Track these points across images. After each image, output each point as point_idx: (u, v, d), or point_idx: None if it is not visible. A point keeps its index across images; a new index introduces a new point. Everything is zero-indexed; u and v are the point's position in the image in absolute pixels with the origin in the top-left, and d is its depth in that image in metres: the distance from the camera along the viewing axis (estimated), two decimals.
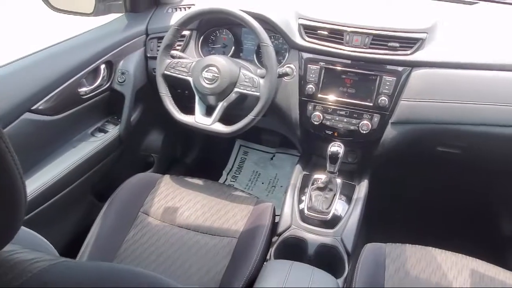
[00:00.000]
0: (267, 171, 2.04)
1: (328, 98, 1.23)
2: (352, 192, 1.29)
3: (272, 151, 2.08)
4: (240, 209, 1.23)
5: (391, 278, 1.00)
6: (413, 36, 1.14)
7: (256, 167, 2.06)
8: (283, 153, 2.06)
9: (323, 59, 1.22)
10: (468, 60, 1.13)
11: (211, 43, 1.43)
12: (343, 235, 1.16)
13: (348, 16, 1.22)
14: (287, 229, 1.19)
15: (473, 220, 1.71)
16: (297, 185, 1.31)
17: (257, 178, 2.02)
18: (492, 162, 1.37)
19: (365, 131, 1.21)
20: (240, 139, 2.13)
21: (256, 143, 2.11)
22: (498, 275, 1.00)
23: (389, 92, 1.17)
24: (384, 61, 1.16)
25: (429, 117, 1.16)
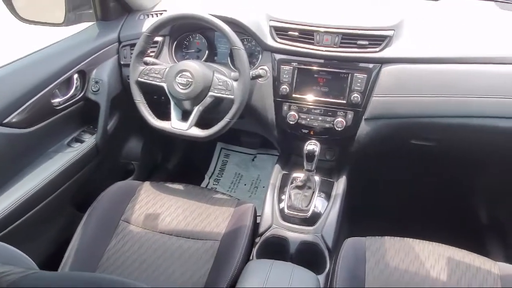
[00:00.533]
0: (249, 172, 2.05)
1: (302, 97, 1.26)
2: (330, 189, 1.31)
3: (253, 152, 2.10)
4: (221, 211, 1.24)
5: (372, 270, 1.02)
6: (381, 34, 1.17)
7: (238, 169, 2.07)
8: (264, 153, 2.08)
9: (295, 59, 1.24)
10: (434, 55, 1.16)
11: (185, 48, 1.44)
12: (323, 231, 1.18)
13: (318, 16, 1.24)
14: (268, 228, 1.20)
15: (451, 210, 1.76)
16: (277, 184, 1.32)
17: (240, 180, 2.03)
18: (465, 153, 1.42)
19: (340, 128, 1.23)
20: (221, 142, 2.14)
21: (236, 145, 2.12)
22: (473, 261, 1.03)
23: (361, 89, 1.20)
24: (354, 59, 1.19)
25: (401, 112, 1.20)
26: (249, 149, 2.11)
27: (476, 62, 1.14)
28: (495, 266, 1.02)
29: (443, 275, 1.00)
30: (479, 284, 0.97)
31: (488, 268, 1.01)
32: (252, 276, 0.90)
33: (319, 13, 1.27)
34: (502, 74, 1.13)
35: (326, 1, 1.37)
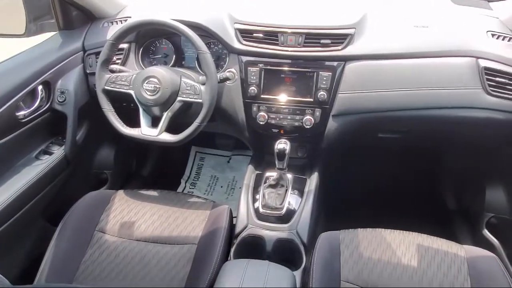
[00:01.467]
0: (225, 174, 2.06)
1: (271, 97, 1.28)
2: (303, 185, 1.34)
3: (228, 154, 2.11)
4: (197, 215, 1.24)
5: (346, 262, 1.05)
6: (343, 32, 1.21)
7: (214, 171, 2.08)
8: (239, 154, 2.09)
9: (261, 60, 1.26)
10: (392, 50, 1.21)
11: (152, 54, 1.44)
12: (298, 228, 1.20)
13: (282, 17, 1.27)
14: (244, 229, 1.22)
15: (420, 198, 1.82)
16: (251, 184, 1.34)
17: (216, 182, 2.04)
18: (429, 143, 1.48)
19: (309, 125, 1.26)
20: (195, 145, 2.14)
21: (211, 148, 2.13)
22: (441, 246, 1.08)
23: (327, 86, 1.23)
24: (318, 57, 1.22)
25: (366, 107, 1.24)
26: (224, 151, 2.12)
27: (431, 55, 1.19)
28: (461, 249, 1.06)
29: (414, 261, 1.04)
30: (447, 267, 1.02)
31: (455, 252, 1.05)
32: (228, 276, 0.91)
33: (282, 14, 1.29)
34: (457, 66, 1.19)
35: (289, 2, 1.40)
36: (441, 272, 1.01)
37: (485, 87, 1.17)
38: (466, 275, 1.00)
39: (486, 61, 1.17)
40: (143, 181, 1.91)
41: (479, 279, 0.98)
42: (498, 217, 1.39)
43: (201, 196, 1.36)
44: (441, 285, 0.98)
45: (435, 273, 1.01)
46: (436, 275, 1.00)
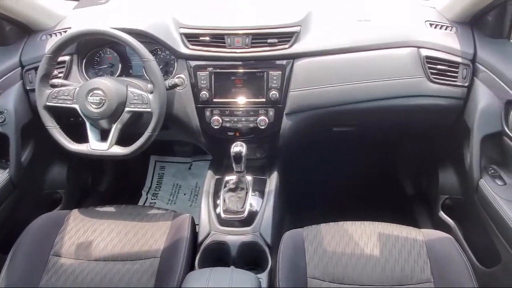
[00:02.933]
0: (187, 181, 2.02)
1: (223, 101, 1.26)
2: (264, 186, 1.33)
3: (188, 160, 2.07)
4: (158, 227, 1.21)
5: (312, 259, 1.06)
6: (288, 31, 1.21)
7: (176, 179, 2.03)
8: (199, 160, 2.06)
9: (210, 64, 1.24)
10: (340, 45, 1.23)
11: (97, 65, 1.38)
12: (261, 229, 1.19)
13: (228, 19, 1.26)
14: (207, 236, 1.19)
15: (379, 187, 1.87)
16: (211, 190, 1.32)
17: (178, 190, 1.99)
18: (381, 133, 1.51)
19: (264, 126, 1.26)
20: (154, 155, 2.09)
21: (170, 155, 2.08)
22: (401, 233, 1.10)
23: (278, 85, 1.23)
24: (266, 57, 1.22)
25: (317, 103, 1.25)
26: (184, 157, 2.08)
27: (375, 48, 1.23)
28: (419, 233, 1.10)
29: (376, 251, 1.06)
30: (408, 252, 1.05)
31: (414, 237, 1.08)
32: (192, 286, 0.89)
33: (228, 16, 1.28)
34: (400, 56, 1.23)
35: (235, 3, 1.39)
36: (402, 258, 1.04)
37: (428, 75, 1.21)
38: (425, 258, 1.03)
39: (427, 50, 1.22)
40: (101, 197, 1.84)
41: (437, 261, 1.02)
42: (452, 198, 1.45)
43: (162, 208, 1.32)
44: (403, 271, 1.01)
45: (397, 260, 1.03)
46: (398, 261, 1.03)
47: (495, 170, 1.16)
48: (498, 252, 1.08)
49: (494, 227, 1.08)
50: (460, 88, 1.22)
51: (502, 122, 1.12)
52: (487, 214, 1.12)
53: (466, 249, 1.28)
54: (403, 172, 1.85)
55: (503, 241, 1.04)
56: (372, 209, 1.44)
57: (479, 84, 1.19)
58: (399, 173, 1.87)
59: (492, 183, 1.12)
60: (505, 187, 1.11)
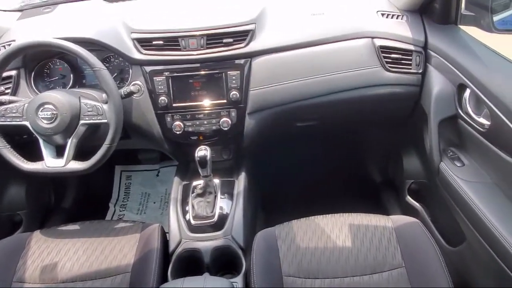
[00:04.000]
0: (156, 189, 1.98)
1: (183, 105, 1.23)
2: (232, 188, 1.31)
3: (155, 167, 2.03)
4: (126, 240, 1.17)
5: (286, 257, 1.05)
6: (243, 29, 1.20)
7: (144, 188, 1.98)
8: (167, 166, 2.02)
9: (166, 68, 1.21)
10: (296, 41, 1.23)
11: (47, 77, 1.31)
12: (232, 232, 1.18)
13: (181, 21, 1.23)
14: (178, 245, 1.17)
15: (349, 178, 1.90)
16: (178, 197, 1.29)
17: (148, 199, 1.94)
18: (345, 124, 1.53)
19: (227, 127, 1.24)
20: (119, 164, 2.02)
21: (136, 164, 2.02)
22: (371, 222, 1.12)
23: (237, 85, 1.21)
24: (223, 57, 1.20)
25: (278, 100, 1.25)
26: (151, 164, 2.03)
27: (331, 41, 1.23)
28: (388, 220, 1.12)
29: (348, 242, 1.07)
30: (379, 240, 1.06)
31: (383, 224, 1.10)
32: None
33: (181, 18, 1.25)
34: (356, 48, 1.24)
35: (187, 5, 1.35)
36: (373, 247, 1.05)
37: (383, 64, 1.24)
38: (395, 244, 1.05)
39: (381, 40, 1.24)
40: (67, 214, 1.76)
41: (407, 245, 1.04)
42: (417, 183, 1.49)
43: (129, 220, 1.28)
44: (376, 259, 1.02)
45: (369, 249, 1.05)
46: (370, 250, 1.04)
47: (454, 153, 1.20)
48: (462, 231, 1.12)
49: (456, 207, 1.11)
50: (414, 75, 1.25)
51: (456, 106, 1.16)
52: (449, 195, 1.15)
53: (434, 230, 1.31)
54: (370, 160, 1.89)
55: (465, 220, 1.07)
56: (343, 200, 1.46)
57: (432, 70, 1.22)
58: (366, 162, 1.90)
59: (451, 165, 1.16)
60: (463, 168, 1.15)
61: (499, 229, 0.94)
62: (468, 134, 1.13)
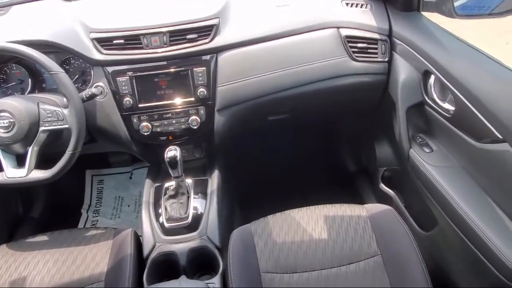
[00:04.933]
0: (129, 192, 1.93)
1: (150, 105, 1.20)
2: (205, 187, 1.29)
3: (128, 170, 1.97)
4: (98, 248, 1.13)
5: (263, 253, 1.04)
6: (206, 24, 1.17)
7: (117, 192, 1.93)
8: (140, 168, 1.97)
9: (129, 68, 1.17)
10: (262, 34, 1.21)
11: (3, 83, 1.25)
12: (208, 232, 1.16)
13: (141, 18, 1.18)
14: (153, 249, 1.14)
15: (323, 169, 1.91)
16: (150, 200, 1.26)
17: (121, 203, 1.89)
18: (317, 116, 1.53)
19: (196, 126, 1.21)
20: (90, 169, 1.96)
21: (108, 167, 1.97)
22: (345, 212, 1.12)
23: (204, 82, 1.19)
24: (188, 54, 1.17)
25: (247, 95, 1.23)
26: (123, 167, 1.97)
27: (297, 33, 1.22)
28: (363, 209, 1.12)
29: (324, 234, 1.07)
30: (354, 230, 1.07)
31: (358, 213, 1.11)
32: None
33: (142, 15, 1.20)
34: (322, 39, 1.23)
35: (147, 1, 1.31)
36: (349, 237, 1.05)
37: (350, 54, 1.23)
38: (371, 232, 1.06)
39: (346, 30, 1.23)
40: (37, 224, 1.69)
41: (382, 233, 1.05)
42: (390, 170, 1.51)
43: (101, 227, 1.24)
44: (352, 249, 1.03)
45: (345, 239, 1.05)
46: (346, 241, 1.05)
47: (423, 139, 1.22)
48: (434, 216, 1.14)
49: (427, 192, 1.13)
50: (381, 64, 1.25)
51: (422, 92, 1.17)
52: (419, 181, 1.17)
53: (407, 216, 1.33)
54: (343, 150, 1.90)
55: (436, 205, 1.09)
56: (319, 191, 1.46)
57: (397, 58, 1.23)
58: (340, 152, 1.91)
59: (420, 152, 1.18)
60: (432, 153, 1.16)
61: (467, 212, 0.96)
62: (435, 120, 1.15)
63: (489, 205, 0.97)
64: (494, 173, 0.96)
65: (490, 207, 0.96)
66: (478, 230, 0.92)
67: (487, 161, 0.96)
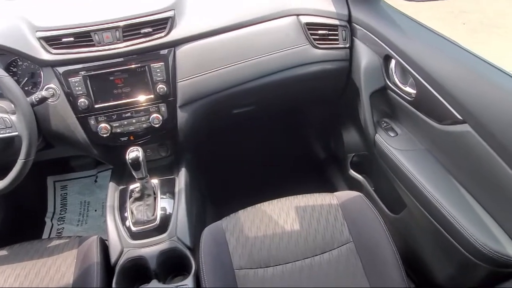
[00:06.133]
0: (95, 196, 1.85)
1: (107, 105, 1.14)
2: (173, 186, 1.25)
3: (92, 173, 1.89)
4: (62, 259, 1.08)
5: (235, 250, 1.03)
6: (161, 17, 1.11)
7: (82, 196, 1.85)
8: (105, 170, 1.89)
9: (82, 67, 1.10)
10: (220, 24, 1.17)
11: None
12: (177, 233, 1.12)
13: (91, 14, 1.11)
14: (120, 255, 1.09)
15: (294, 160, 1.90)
16: (115, 204, 1.20)
17: (88, 207, 1.82)
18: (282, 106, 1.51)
19: (158, 124, 1.17)
20: (51, 175, 1.87)
21: (71, 172, 1.88)
22: (316, 201, 1.12)
23: (164, 78, 1.14)
24: (144, 49, 1.11)
25: (210, 89, 1.19)
26: (87, 171, 1.89)
27: (256, 22, 1.19)
28: (333, 197, 1.12)
29: (296, 225, 1.07)
30: (325, 219, 1.07)
31: (328, 202, 1.11)
32: None
33: (91, 10, 1.13)
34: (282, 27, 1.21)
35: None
36: (321, 226, 1.05)
37: (311, 41, 1.22)
38: (342, 220, 1.06)
39: (306, 17, 1.21)
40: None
41: (353, 219, 1.05)
42: (358, 155, 1.52)
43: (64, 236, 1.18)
44: (324, 238, 1.03)
45: (317, 229, 1.05)
46: (318, 231, 1.04)
47: (387, 123, 1.23)
48: (402, 199, 1.15)
49: (394, 176, 1.14)
50: (343, 50, 1.25)
51: (384, 77, 1.18)
52: (386, 165, 1.18)
53: (377, 200, 1.35)
54: (312, 138, 1.90)
55: (403, 188, 1.10)
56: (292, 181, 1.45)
57: (358, 44, 1.22)
58: (310, 140, 1.91)
59: (386, 136, 1.18)
60: (397, 137, 1.17)
61: (433, 194, 0.97)
62: (398, 104, 1.16)
63: (453, 185, 0.98)
64: (456, 154, 0.98)
65: (454, 187, 0.98)
66: (444, 211, 0.94)
67: (449, 142, 0.98)
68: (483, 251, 0.85)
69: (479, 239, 0.86)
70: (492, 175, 0.85)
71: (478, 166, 0.89)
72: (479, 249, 0.86)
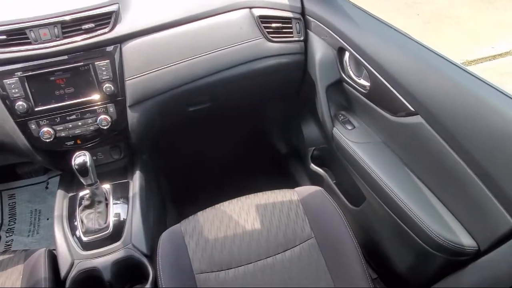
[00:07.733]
0: (47, 203, 1.74)
1: (49, 107, 1.05)
2: (127, 190, 1.19)
3: (43, 179, 1.78)
4: (7, 275, 0.99)
5: (195, 253, 0.99)
6: (104, 11, 1.04)
7: (32, 205, 1.73)
8: (56, 175, 1.78)
9: (18, 68, 1.01)
10: (169, 18, 1.11)
11: None
12: (132, 240, 1.06)
13: (26, 9, 1.02)
14: (71, 268, 1.02)
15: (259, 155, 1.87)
16: (64, 213, 1.12)
17: (39, 216, 1.70)
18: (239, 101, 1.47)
19: (107, 125, 1.10)
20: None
21: (18, 179, 1.76)
22: (277, 198, 1.10)
23: (110, 76, 1.07)
24: (86, 46, 1.04)
25: (162, 87, 1.13)
26: (36, 177, 1.77)
27: (208, 15, 1.14)
28: (294, 193, 1.10)
29: (257, 224, 1.04)
30: (287, 216, 1.05)
31: (289, 198, 1.09)
32: None
33: (26, 5, 1.04)
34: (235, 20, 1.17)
35: None
36: (282, 223, 1.03)
37: (265, 35, 1.19)
38: (303, 216, 1.04)
39: (259, 10, 1.18)
40: None
41: (314, 215, 1.04)
42: (318, 149, 1.51)
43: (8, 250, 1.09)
44: (286, 235, 1.01)
45: (278, 227, 1.03)
46: (279, 228, 1.02)
47: (344, 116, 1.22)
48: (361, 192, 1.15)
49: (352, 169, 1.14)
50: (298, 43, 1.23)
51: (339, 70, 1.17)
52: (344, 158, 1.17)
53: (338, 194, 1.35)
54: (273, 134, 1.88)
55: (361, 181, 1.10)
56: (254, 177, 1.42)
57: (313, 36, 1.21)
58: (270, 136, 1.89)
59: (343, 129, 1.18)
60: (354, 130, 1.17)
61: (390, 186, 0.98)
62: (354, 96, 1.15)
63: (409, 177, 0.99)
64: (411, 146, 0.98)
65: (410, 179, 0.99)
66: (401, 203, 0.94)
67: (404, 134, 0.98)
68: (439, 241, 0.86)
69: (435, 229, 0.87)
70: (444, 166, 0.86)
71: (431, 157, 0.90)
72: (435, 239, 0.87)
